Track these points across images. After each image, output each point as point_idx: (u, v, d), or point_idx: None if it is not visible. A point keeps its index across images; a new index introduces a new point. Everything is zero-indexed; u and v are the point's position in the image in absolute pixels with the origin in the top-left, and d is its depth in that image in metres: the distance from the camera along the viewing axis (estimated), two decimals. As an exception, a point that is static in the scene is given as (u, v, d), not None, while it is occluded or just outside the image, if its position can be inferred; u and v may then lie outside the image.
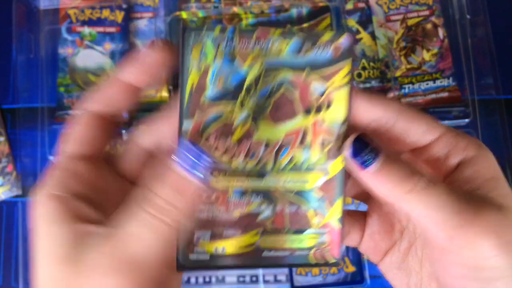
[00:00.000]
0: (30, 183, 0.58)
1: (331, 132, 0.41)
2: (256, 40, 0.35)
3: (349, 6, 0.62)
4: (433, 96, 0.59)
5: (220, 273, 0.56)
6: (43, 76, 0.60)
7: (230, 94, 0.38)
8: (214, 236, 0.54)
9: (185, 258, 0.36)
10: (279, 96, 0.43)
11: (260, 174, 0.49)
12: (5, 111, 0.61)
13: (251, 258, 0.51)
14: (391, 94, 0.59)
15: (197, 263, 0.37)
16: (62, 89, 0.59)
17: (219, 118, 0.43)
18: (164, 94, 0.59)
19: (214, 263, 0.38)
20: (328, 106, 0.44)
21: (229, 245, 0.55)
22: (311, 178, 0.47)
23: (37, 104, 0.59)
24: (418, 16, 0.62)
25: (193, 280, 0.56)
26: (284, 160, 0.45)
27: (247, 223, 0.57)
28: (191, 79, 0.35)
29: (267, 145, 0.54)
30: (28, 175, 0.58)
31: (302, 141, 0.45)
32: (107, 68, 0.60)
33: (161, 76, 0.32)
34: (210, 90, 0.39)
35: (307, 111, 0.58)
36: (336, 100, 0.43)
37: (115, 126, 0.32)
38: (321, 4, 0.62)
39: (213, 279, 0.56)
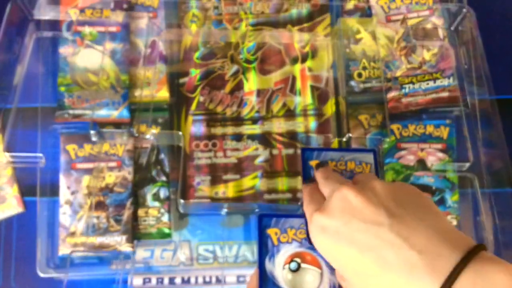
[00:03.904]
0: (30, 183, 0.57)
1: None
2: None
3: (349, 6, 0.62)
4: (434, 96, 0.59)
5: (220, 273, 0.56)
6: (43, 76, 0.60)
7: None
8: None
9: None
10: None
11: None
12: (5, 111, 0.61)
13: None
14: (391, 94, 0.59)
15: None
16: (62, 88, 0.59)
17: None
18: (164, 94, 0.59)
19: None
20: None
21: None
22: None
23: (37, 104, 0.59)
24: (418, 16, 0.62)
25: (192, 280, 0.56)
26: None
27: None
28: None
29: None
30: (27, 175, 0.58)
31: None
32: (108, 68, 0.60)
33: None
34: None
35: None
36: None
37: None
38: (321, 4, 0.62)
39: (213, 279, 0.55)
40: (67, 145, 0.57)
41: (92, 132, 0.56)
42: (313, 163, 0.47)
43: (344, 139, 0.57)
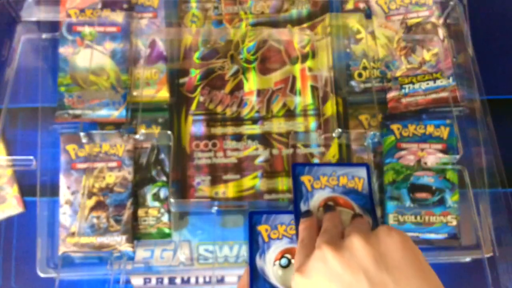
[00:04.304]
0: (30, 183, 0.57)
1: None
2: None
3: (349, 6, 0.62)
4: (433, 96, 0.59)
5: (220, 273, 0.56)
6: (43, 76, 0.60)
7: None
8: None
9: None
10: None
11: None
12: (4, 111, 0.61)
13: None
14: (391, 94, 0.59)
15: None
16: (62, 88, 0.59)
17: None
18: (164, 94, 0.59)
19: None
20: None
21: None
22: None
23: (37, 104, 0.59)
24: (418, 17, 0.62)
25: (193, 280, 0.56)
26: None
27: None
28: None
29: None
30: (27, 175, 0.58)
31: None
32: (108, 68, 0.60)
33: None
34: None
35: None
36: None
37: None
38: (321, 4, 0.62)
39: (213, 279, 0.56)
40: (67, 145, 0.57)
41: (82, 134, 0.56)
42: (321, 202, 0.46)
43: (334, 135, 0.57)
